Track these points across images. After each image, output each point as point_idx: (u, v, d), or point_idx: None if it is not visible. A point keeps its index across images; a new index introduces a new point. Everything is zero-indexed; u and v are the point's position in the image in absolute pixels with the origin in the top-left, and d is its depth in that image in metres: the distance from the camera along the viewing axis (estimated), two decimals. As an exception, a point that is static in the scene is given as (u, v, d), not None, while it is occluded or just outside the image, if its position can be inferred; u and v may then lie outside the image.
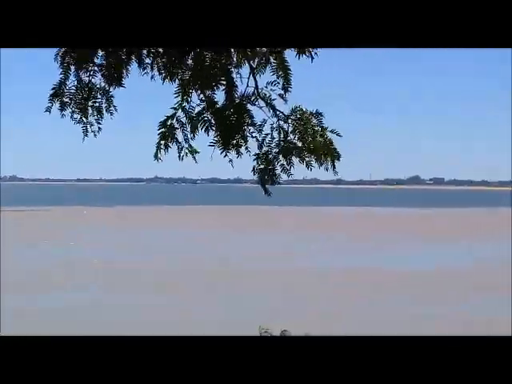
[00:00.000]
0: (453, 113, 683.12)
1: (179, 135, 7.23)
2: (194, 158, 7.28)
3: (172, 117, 7.23)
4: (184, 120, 7.21)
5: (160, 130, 7.21)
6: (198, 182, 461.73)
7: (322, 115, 7.24)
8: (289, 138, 7.36)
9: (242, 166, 7.67)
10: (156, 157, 7.24)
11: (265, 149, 7.41)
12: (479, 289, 36.16)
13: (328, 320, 27.09)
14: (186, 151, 7.25)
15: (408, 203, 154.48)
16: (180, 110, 7.20)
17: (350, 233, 72.97)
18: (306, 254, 53.82)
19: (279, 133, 7.38)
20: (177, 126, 7.22)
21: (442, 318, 28.83)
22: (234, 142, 7.26)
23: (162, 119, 7.22)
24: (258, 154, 7.41)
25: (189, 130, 7.21)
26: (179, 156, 7.25)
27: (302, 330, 12.62)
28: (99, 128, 7.72)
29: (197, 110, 7.24)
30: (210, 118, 7.22)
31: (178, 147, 7.24)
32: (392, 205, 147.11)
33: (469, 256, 52.66)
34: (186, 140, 7.25)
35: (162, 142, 7.20)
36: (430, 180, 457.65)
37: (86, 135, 7.68)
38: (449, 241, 64.32)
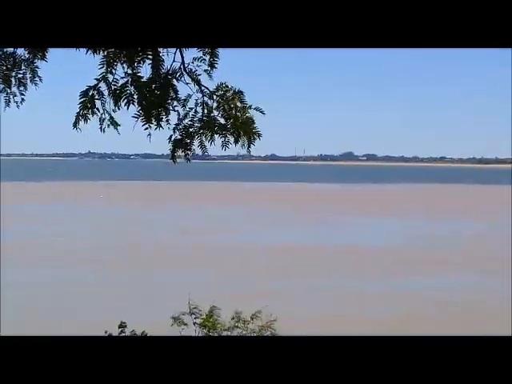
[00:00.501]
0: (393, 90, 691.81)
1: (102, 107, 7.15)
2: (117, 129, 7.22)
3: (94, 87, 7.14)
4: (106, 92, 7.14)
5: (81, 100, 7.11)
6: (132, 157, 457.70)
7: (243, 94, 7.24)
8: (212, 115, 7.35)
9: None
10: (75, 126, 7.14)
11: (187, 122, 7.37)
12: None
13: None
14: (108, 123, 7.18)
15: (338, 179, 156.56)
16: (103, 82, 7.12)
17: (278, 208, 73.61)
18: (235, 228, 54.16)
19: (203, 108, 7.37)
20: (98, 97, 7.13)
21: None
22: (156, 114, 7.20)
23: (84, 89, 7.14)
24: (177, 125, 7.38)
25: (111, 102, 7.13)
26: (101, 128, 7.18)
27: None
28: (22, 99, 7.61)
29: (121, 82, 7.15)
30: (133, 91, 7.14)
31: (100, 119, 7.16)
32: (322, 181, 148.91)
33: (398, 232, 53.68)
34: (108, 112, 7.16)
35: (82, 112, 7.10)
36: (363, 156, 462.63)
37: (8, 105, 7.59)
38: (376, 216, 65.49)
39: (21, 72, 7.49)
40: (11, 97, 7.56)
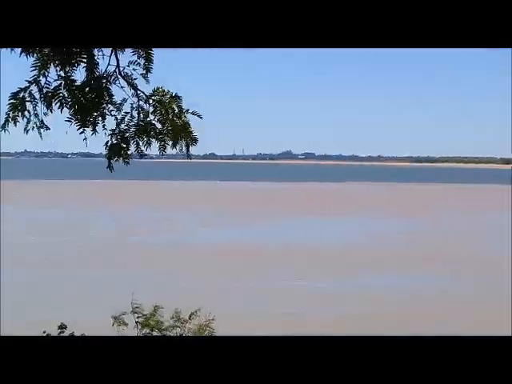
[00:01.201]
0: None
1: (31, 109, 7.08)
2: (40, 133, 7.16)
3: (25, 89, 7.06)
4: (37, 94, 7.07)
5: (10, 101, 7.04)
6: (69, 156, 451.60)
7: (180, 98, 7.27)
8: (149, 119, 7.36)
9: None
10: (3, 128, 7.05)
11: (123, 127, 7.37)
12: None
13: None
14: (33, 125, 7.11)
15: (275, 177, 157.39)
16: (34, 85, 7.06)
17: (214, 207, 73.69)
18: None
19: (139, 113, 7.37)
20: (29, 99, 7.06)
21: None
22: (91, 119, 7.19)
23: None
24: (113, 130, 7.36)
25: (41, 104, 7.07)
26: (25, 129, 7.11)
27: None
28: None
29: (54, 85, 7.09)
30: (66, 94, 7.10)
31: (27, 120, 7.08)
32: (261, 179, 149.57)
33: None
34: (36, 115, 7.10)
35: (11, 114, 7.02)
36: (302, 155, 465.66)
37: None
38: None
39: None
40: None
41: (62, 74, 7.07)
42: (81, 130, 7.16)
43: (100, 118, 7.26)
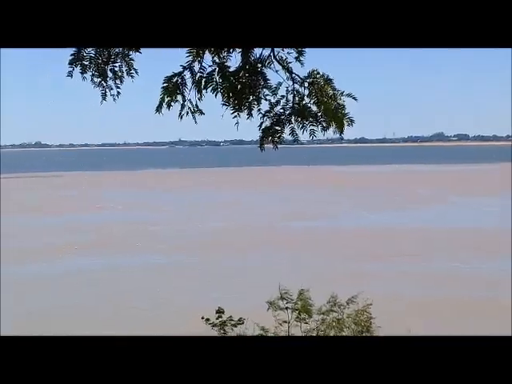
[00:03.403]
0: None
1: (186, 94, 7.18)
2: (195, 118, 7.25)
3: (179, 74, 7.17)
4: (191, 79, 7.15)
5: (164, 85, 7.16)
6: (222, 143, 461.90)
7: (332, 81, 7.16)
8: (304, 102, 7.31)
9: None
10: (158, 110, 7.17)
11: (278, 110, 7.36)
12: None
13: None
14: (188, 110, 7.21)
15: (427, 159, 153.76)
16: (188, 70, 7.14)
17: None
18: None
19: (294, 96, 7.34)
20: (182, 84, 7.15)
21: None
22: (247, 104, 7.23)
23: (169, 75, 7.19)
24: (266, 112, 7.36)
25: (194, 90, 7.14)
26: (179, 114, 7.22)
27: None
28: (118, 92, 7.64)
29: (208, 70, 7.14)
30: (220, 80, 7.15)
31: (182, 106, 7.18)
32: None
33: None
34: (190, 100, 7.19)
35: (165, 98, 7.14)
36: (455, 137, 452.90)
37: (105, 99, 7.63)
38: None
39: (116, 65, 7.59)
40: (107, 90, 7.64)
41: (217, 60, 7.13)
42: (235, 114, 7.20)
43: (255, 103, 7.28)
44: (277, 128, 7.37)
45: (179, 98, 7.20)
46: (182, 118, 7.22)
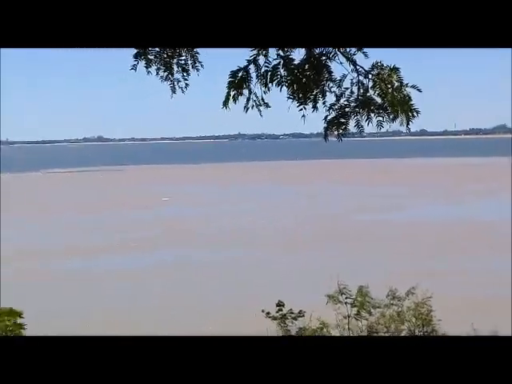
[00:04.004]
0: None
1: (251, 87, 7.20)
2: (260, 111, 7.28)
3: (244, 68, 7.21)
4: (256, 73, 7.18)
5: (229, 80, 7.20)
6: (281, 137, 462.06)
7: (398, 71, 7.09)
8: (368, 94, 7.26)
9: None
10: (225, 105, 7.21)
11: (343, 102, 7.33)
12: None
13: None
14: (253, 103, 7.24)
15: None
16: (253, 64, 7.17)
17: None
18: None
19: (358, 88, 7.30)
20: (248, 78, 7.18)
21: None
22: (312, 96, 7.22)
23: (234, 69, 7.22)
24: (332, 105, 7.33)
25: (259, 83, 7.17)
26: (245, 107, 7.24)
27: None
28: (186, 84, 7.68)
29: (273, 64, 7.16)
30: (284, 73, 7.17)
31: (247, 99, 7.21)
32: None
33: None
34: (256, 93, 7.21)
35: (231, 92, 7.18)
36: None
37: (174, 92, 7.69)
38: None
39: (182, 59, 7.65)
40: (175, 83, 7.69)
41: (281, 54, 7.15)
42: (301, 107, 7.21)
43: (320, 95, 7.26)
44: (342, 120, 7.35)
45: (245, 91, 7.22)
46: (247, 110, 7.25)
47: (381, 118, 7.19)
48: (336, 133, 7.42)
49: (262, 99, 7.25)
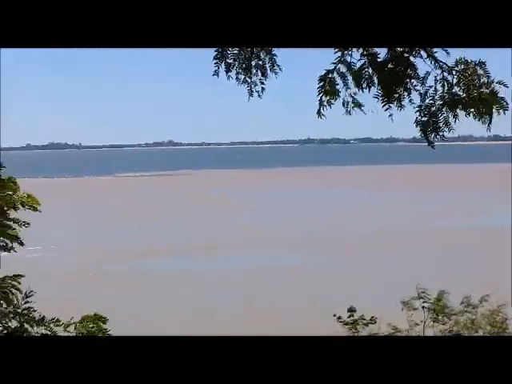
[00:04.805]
0: None
1: (342, 90, 7.09)
2: (362, 110, 7.12)
3: (332, 71, 7.09)
4: (346, 74, 7.06)
5: (319, 85, 7.06)
6: (351, 141, 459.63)
7: (484, 65, 6.89)
8: (453, 91, 7.09)
9: (395, 125, 7.49)
10: (319, 114, 7.09)
11: (428, 101, 7.18)
12: None
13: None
14: (352, 105, 7.09)
15: None
16: (339, 64, 7.05)
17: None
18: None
19: (443, 85, 7.13)
20: (338, 81, 7.06)
21: None
22: (396, 95, 7.08)
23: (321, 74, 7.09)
24: (420, 106, 7.18)
25: (351, 84, 7.06)
26: (347, 110, 7.10)
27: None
28: (263, 88, 7.55)
29: (358, 64, 7.06)
30: (371, 73, 7.04)
31: (343, 103, 7.08)
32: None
33: None
34: (350, 94, 7.07)
35: (324, 98, 7.05)
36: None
37: (251, 95, 7.57)
38: None
39: (260, 61, 7.58)
40: (252, 86, 7.56)
41: (365, 53, 7.04)
42: (386, 106, 7.08)
43: (405, 94, 7.13)
44: (434, 120, 7.19)
45: (337, 95, 7.07)
46: (350, 113, 7.08)
47: (474, 117, 6.98)
48: (434, 135, 7.22)
49: (354, 100, 7.09)
